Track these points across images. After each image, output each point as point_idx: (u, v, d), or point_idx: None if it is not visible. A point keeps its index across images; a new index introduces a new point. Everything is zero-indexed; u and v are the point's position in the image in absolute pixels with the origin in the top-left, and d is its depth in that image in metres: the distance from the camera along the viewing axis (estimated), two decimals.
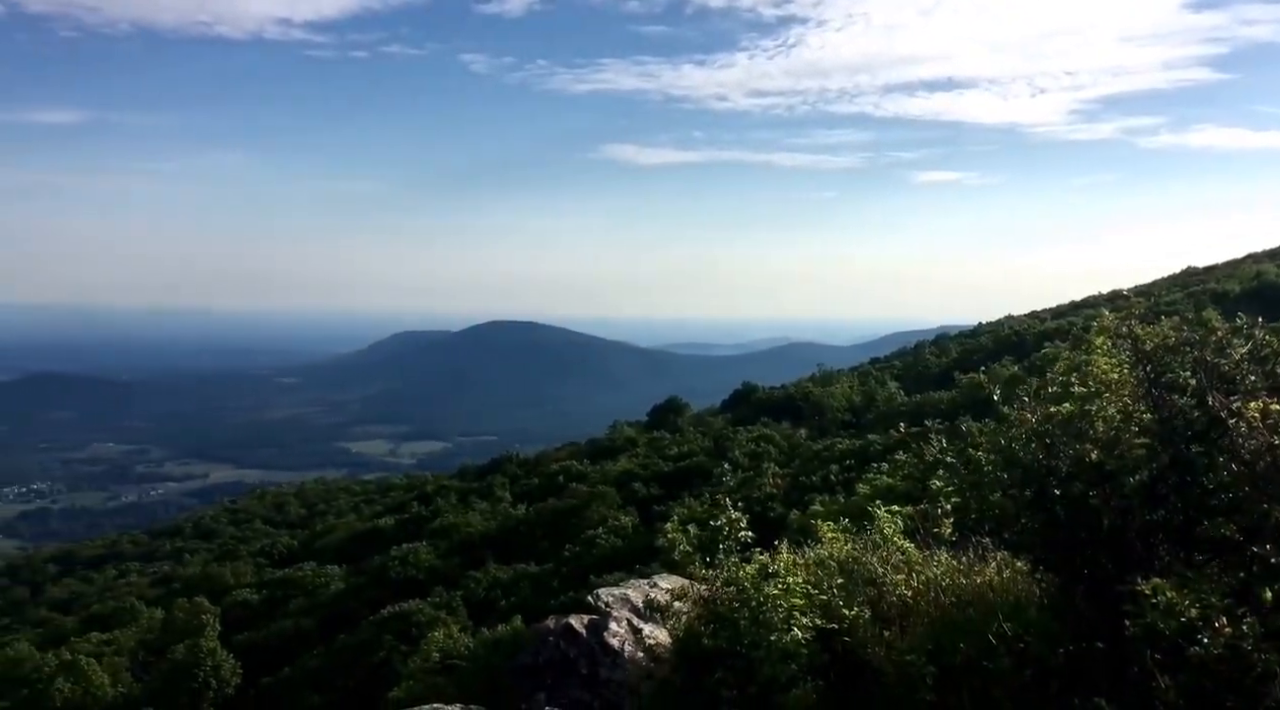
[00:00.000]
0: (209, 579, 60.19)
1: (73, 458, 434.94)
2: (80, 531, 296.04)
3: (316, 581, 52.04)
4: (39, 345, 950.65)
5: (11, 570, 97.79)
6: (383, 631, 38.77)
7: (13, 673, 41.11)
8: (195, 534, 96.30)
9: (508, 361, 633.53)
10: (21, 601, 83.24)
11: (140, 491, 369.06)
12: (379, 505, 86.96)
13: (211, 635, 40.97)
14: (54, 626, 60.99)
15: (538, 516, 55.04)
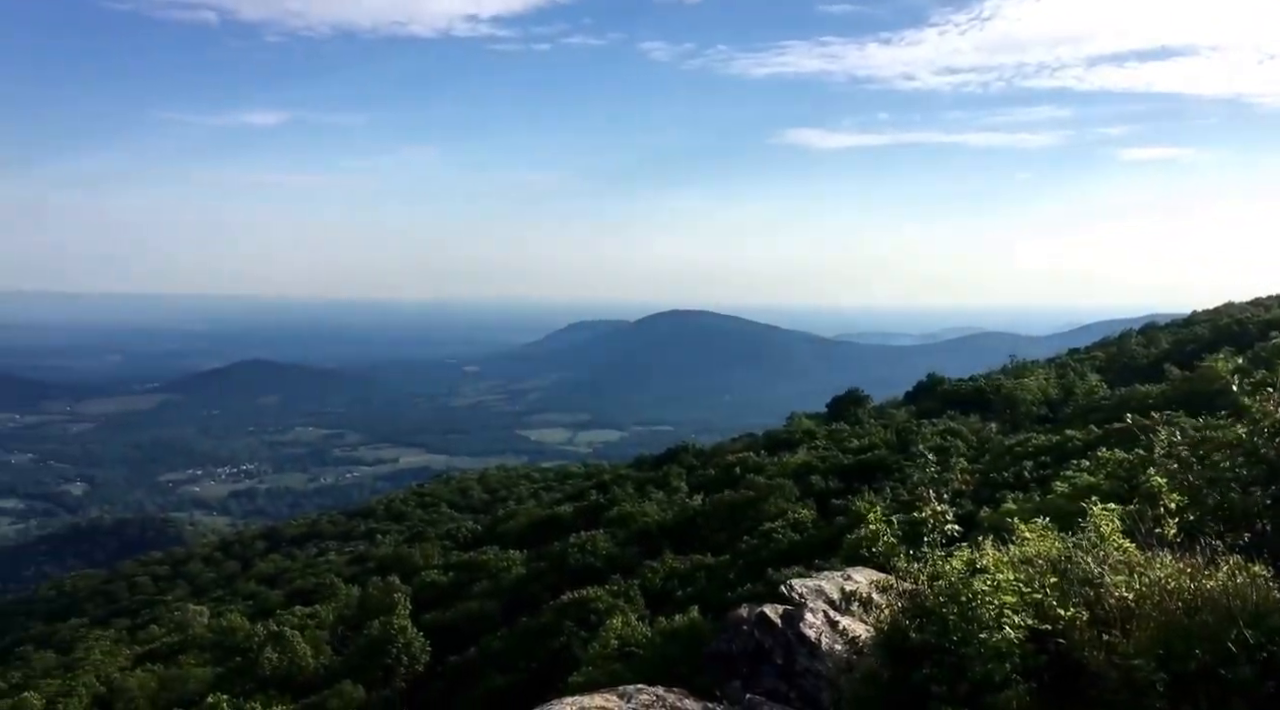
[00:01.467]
0: (399, 559, 62.90)
1: (277, 440, 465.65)
2: (284, 510, 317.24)
3: (499, 565, 53.46)
4: (248, 334, 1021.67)
5: (225, 545, 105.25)
6: (563, 617, 39.38)
7: (227, 640, 43.95)
8: (387, 516, 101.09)
9: (684, 351, 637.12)
10: (233, 575, 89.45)
11: (337, 474, 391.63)
12: (557, 493, 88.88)
13: (402, 613, 42.67)
14: (262, 599, 65.01)
15: (714, 508, 54.80)
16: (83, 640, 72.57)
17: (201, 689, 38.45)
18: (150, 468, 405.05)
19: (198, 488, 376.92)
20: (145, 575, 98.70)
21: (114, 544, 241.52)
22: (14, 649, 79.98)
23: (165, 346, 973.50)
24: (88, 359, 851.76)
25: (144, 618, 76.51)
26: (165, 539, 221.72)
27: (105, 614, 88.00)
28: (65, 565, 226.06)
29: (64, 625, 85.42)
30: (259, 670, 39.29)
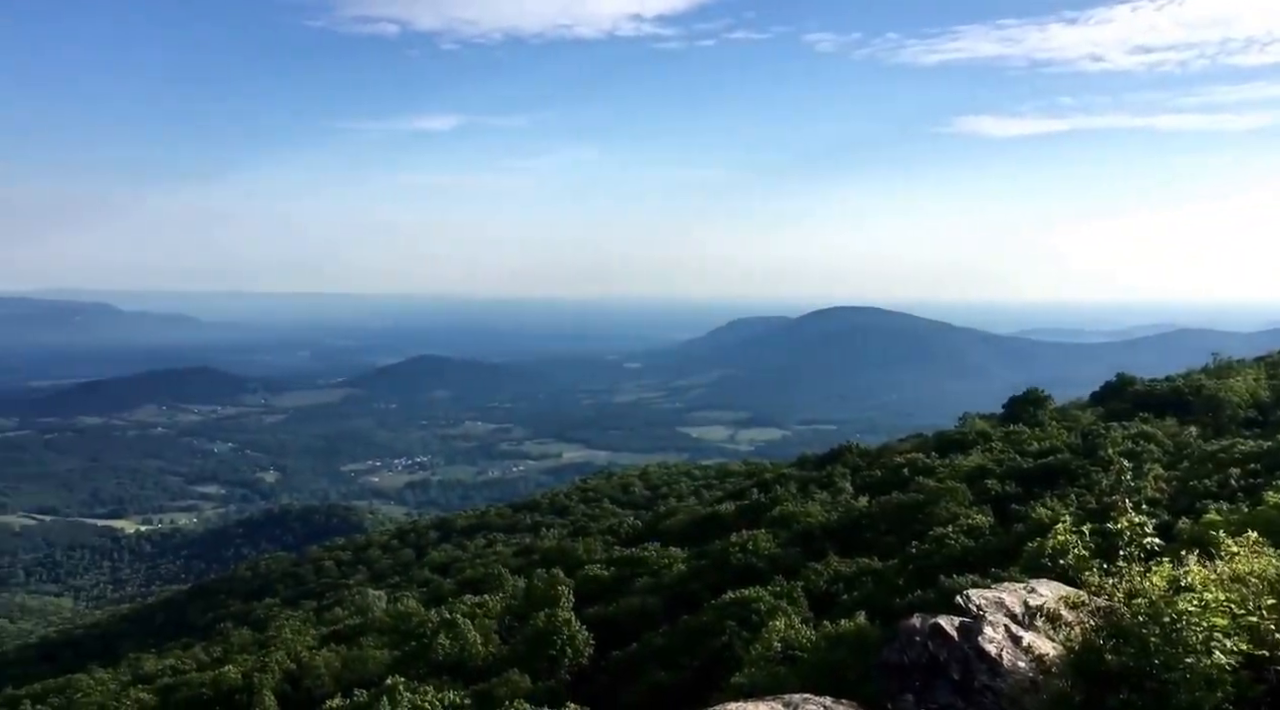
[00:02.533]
0: (563, 553, 64.06)
1: (449, 434, 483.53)
2: (454, 501, 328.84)
3: (660, 562, 53.66)
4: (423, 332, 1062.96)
5: (401, 534, 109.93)
6: (724, 616, 39.14)
7: (403, 625, 45.74)
8: (551, 510, 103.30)
9: (849, 349, 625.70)
10: (408, 563, 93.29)
11: (504, 468, 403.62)
12: (718, 490, 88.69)
13: (566, 606, 43.37)
14: (435, 587, 67.44)
15: (881, 510, 53.41)
16: (275, 619, 77.22)
17: (380, 670, 40.09)
18: (334, 458, 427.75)
19: (376, 478, 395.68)
20: (330, 560, 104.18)
21: (302, 529, 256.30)
22: (216, 625, 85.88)
23: (348, 343, 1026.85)
24: (280, 355, 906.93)
25: (329, 600, 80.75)
26: (347, 526, 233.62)
27: (294, 595, 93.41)
28: (259, 548, 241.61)
29: (259, 604, 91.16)
30: (433, 655, 40.69)
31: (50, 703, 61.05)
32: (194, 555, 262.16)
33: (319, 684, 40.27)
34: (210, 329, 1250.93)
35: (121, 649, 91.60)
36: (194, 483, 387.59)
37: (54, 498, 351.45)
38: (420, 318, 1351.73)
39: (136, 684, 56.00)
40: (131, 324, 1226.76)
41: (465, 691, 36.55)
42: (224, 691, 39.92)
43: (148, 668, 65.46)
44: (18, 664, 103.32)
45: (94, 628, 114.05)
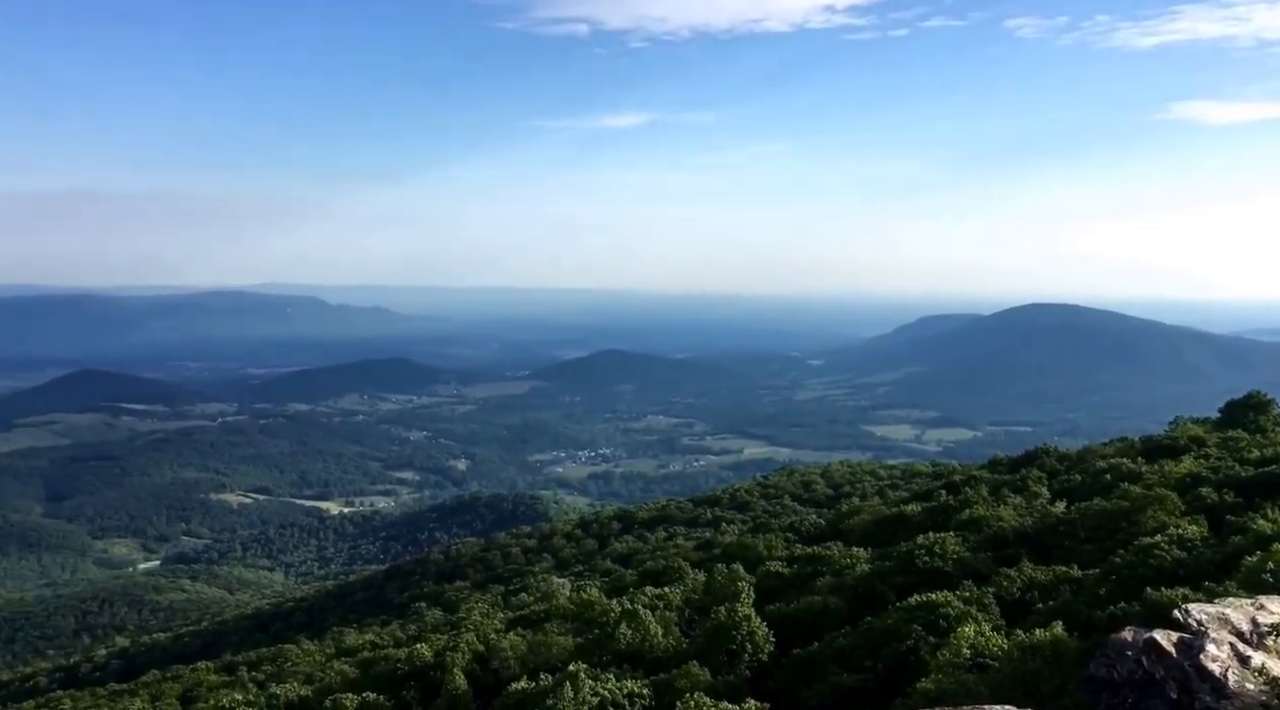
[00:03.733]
0: (744, 548, 63.74)
1: (631, 427, 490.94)
2: (636, 493, 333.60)
3: (843, 561, 52.60)
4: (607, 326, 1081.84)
5: (584, 524, 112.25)
6: (910, 619, 37.93)
7: (586, 613, 46.57)
8: (731, 505, 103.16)
9: (1047, 348, 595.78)
10: (591, 552, 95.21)
11: (685, 462, 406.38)
12: (904, 491, 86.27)
13: (747, 602, 43.06)
14: (616, 577, 68.43)
15: (1081, 516, 50.50)
16: (465, 601, 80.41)
17: (564, 656, 40.91)
18: (521, 448, 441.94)
19: (561, 468, 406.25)
20: (516, 546, 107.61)
21: (490, 516, 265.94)
22: (411, 604, 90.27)
23: (535, 337, 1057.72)
24: (472, 348, 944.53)
25: (515, 585, 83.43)
26: (533, 514, 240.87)
27: (483, 579, 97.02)
28: (451, 532, 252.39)
29: (450, 587, 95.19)
30: (614, 644, 41.22)
31: (263, 669, 65.66)
32: (391, 537, 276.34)
33: (506, 666, 41.51)
34: (407, 321, 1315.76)
35: (326, 622, 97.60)
36: (392, 468, 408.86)
37: (267, 478, 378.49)
38: (605, 313, 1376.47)
39: (339, 656, 59.46)
40: (336, 316, 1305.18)
41: (645, 681, 36.81)
42: (418, 668, 41.74)
43: (349, 641, 69.41)
44: (235, 632, 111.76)
45: (302, 602, 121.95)
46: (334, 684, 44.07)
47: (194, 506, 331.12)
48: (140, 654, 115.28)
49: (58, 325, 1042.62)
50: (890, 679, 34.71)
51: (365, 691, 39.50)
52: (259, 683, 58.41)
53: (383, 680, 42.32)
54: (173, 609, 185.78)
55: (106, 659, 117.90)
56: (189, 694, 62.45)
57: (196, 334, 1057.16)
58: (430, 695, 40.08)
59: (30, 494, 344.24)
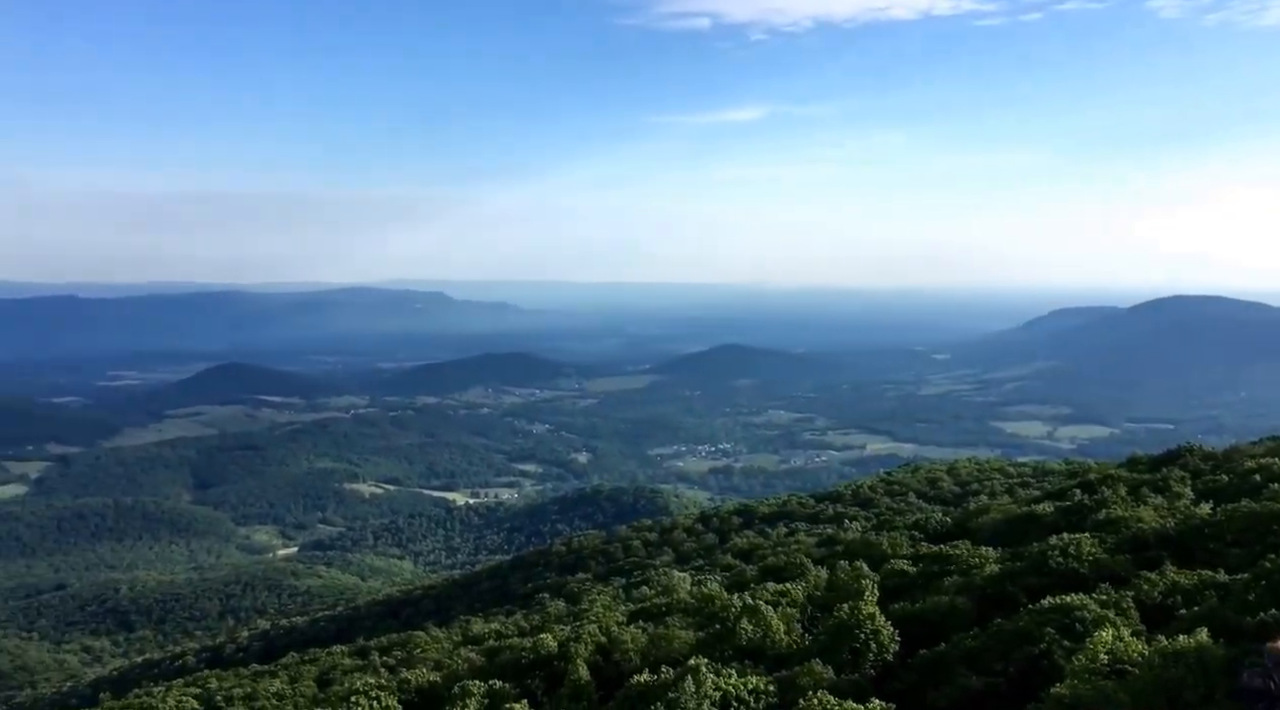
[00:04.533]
0: (867, 545, 62.65)
1: (751, 422, 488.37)
2: (756, 488, 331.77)
3: (971, 561, 51.18)
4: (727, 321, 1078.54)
5: (704, 518, 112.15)
6: (1043, 622, 36.65)
7: (707, 608, 46.54)
8: (854, 501, 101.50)
9: (1188, 342, 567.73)
10: (711, 547, 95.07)
11: (806, 457, 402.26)
12: (1035, 489, 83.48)
13: (871, 601, 42.29)
14: (737, 573, 68.16)
15: (1228, 519, 47.91)
16: (587, 593, 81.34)
17: (685, 650, 40.94)
18: (641, 442, 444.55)
19: (681, 463, 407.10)
20: (637, 540, 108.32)
21: (611, 508, 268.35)
22: (534, 595, 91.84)
23: (655, 331, 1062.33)
24: (593, 342, 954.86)
25: (636, 578, 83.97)
26: (653, 508, 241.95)
27: (605, 571, 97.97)
28: (572, 524, 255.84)
29: (572, 578, 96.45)
30: (735, 639, 41.07)
31: (394, 655, 67.76)
32: (514, 528, 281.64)
33: (627, 658, 41.79)
34: (530, 316, 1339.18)
35: (453, 611, 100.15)
36: (515, 460, 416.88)
37: (397, 469, 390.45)
38: (724, 308, 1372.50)
39: (466, 644, 60.90)
40: (462, 312, 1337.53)
41: (768, 677, 36.56)
42: (542, 657, 42.36)
43: (475, 630, 71.00)
44: (368, 618, 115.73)
45: (430, 590, 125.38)
46: (461, 671, 45.17)
47: (329, 495, 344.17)
48: (279, 636, 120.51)
49: (206, 321, 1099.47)
50: (1022, 683, 33.65)
51: (491, 679, 40.33)
52: (390, 667, 60.33)
53: (508, 669, 43.13)
54: (309, 594, 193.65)
55: (248, 640, 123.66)
56: (325, 676, 64.95)
57: (331, 329, 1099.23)
58: (554, 685, 40.63)
59: (179, 482, 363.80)
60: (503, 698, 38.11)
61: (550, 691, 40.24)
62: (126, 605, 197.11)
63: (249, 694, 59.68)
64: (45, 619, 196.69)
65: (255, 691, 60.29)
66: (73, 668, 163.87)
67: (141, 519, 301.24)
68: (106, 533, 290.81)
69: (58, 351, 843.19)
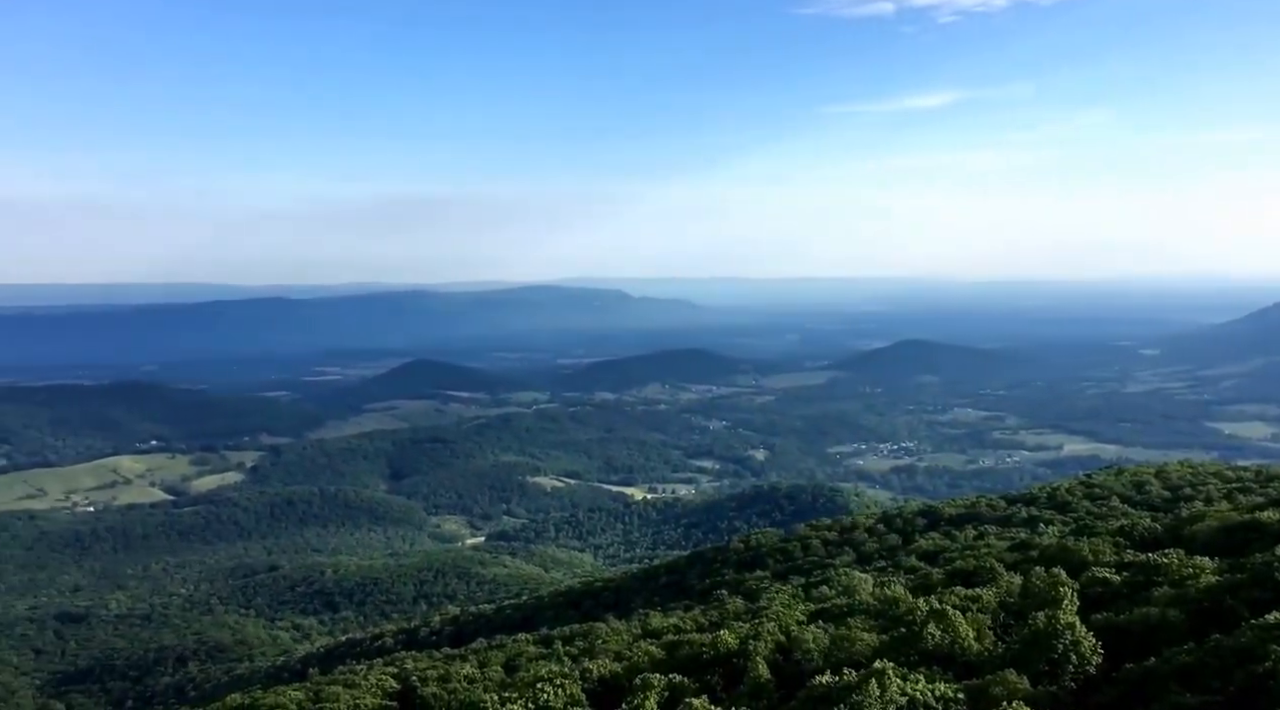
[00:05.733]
0: (1065, 551, 59.36)
1: (936, 420, 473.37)
2: (942, 489, 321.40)
3: (1184, 571, 47.62)
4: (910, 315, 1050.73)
5: (886, 518, 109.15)
6: (1268, 639, 33.62)
7: (890, 610, 45.17)
8: (1049, 504, 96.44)
9: None
10: (894, 548, 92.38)
11: (996, 457, 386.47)
12: (1259, 495, 77.05)
13: (1069, 610, 40.01)
14: (922, 575, 65.96)
15: None
16: (765, 590, 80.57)
17: (868, 652, 39.94)
18: (819, 439, 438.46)
19: (861, 461, 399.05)
20: (816, 539, 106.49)
21: (789, 506, 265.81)
22: (712, 591, 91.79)
23: (834, 327, 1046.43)
24: (770, 338, 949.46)
25: (815, 578, 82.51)
26: (833, 507, 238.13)
27: (783, 569, 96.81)
28: (750, 521, 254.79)
29: (750, 576, 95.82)
30: (922, 644, 39.66)
31: (576, 645, 69.06)
32: (692, 524, 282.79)
33: (808, 658, 41.02)
34: (707, 313, 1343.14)
35: (632, 604, 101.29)
36: (692, 456, 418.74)
37: (577, 463, 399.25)
38: (906, 302, 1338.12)
39: (645, 637, 61.35)
40: (639, 309, 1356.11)
41: (957, 685, 35.16)
42: (721, 654, 42.15)
43: (654, 624, 71.48)
44: (550, 608, 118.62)
45: (610, 582, 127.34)
46: (641, 663, 45.47)
47: (513, 488, 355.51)
48: (468, 622, 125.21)
49: (398, 319, 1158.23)
50: (1243, 703, 31.10)
51: (671, 673, 40.37)
52: (573, 656, 61.53)
53: (687, 663, 43.11)
54: (495, 582, 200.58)
55: (441, 625, 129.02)
56: (511, 662, 66.87)
57: (514, 326, 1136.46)
58: (733, 682, 40.34)
59: (376, 472, 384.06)
60: (683, 692, 38.07)
61: (729, 688, 39.95)
62: (331, 587, 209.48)
63: (442, 675, 62.07)
64: (260, 597, 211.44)
65: (448, 674, 62.67)
66: (285, 643, 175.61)
67: (343, 507, 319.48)
68: (312, 518, 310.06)
69: (269, 348, 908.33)
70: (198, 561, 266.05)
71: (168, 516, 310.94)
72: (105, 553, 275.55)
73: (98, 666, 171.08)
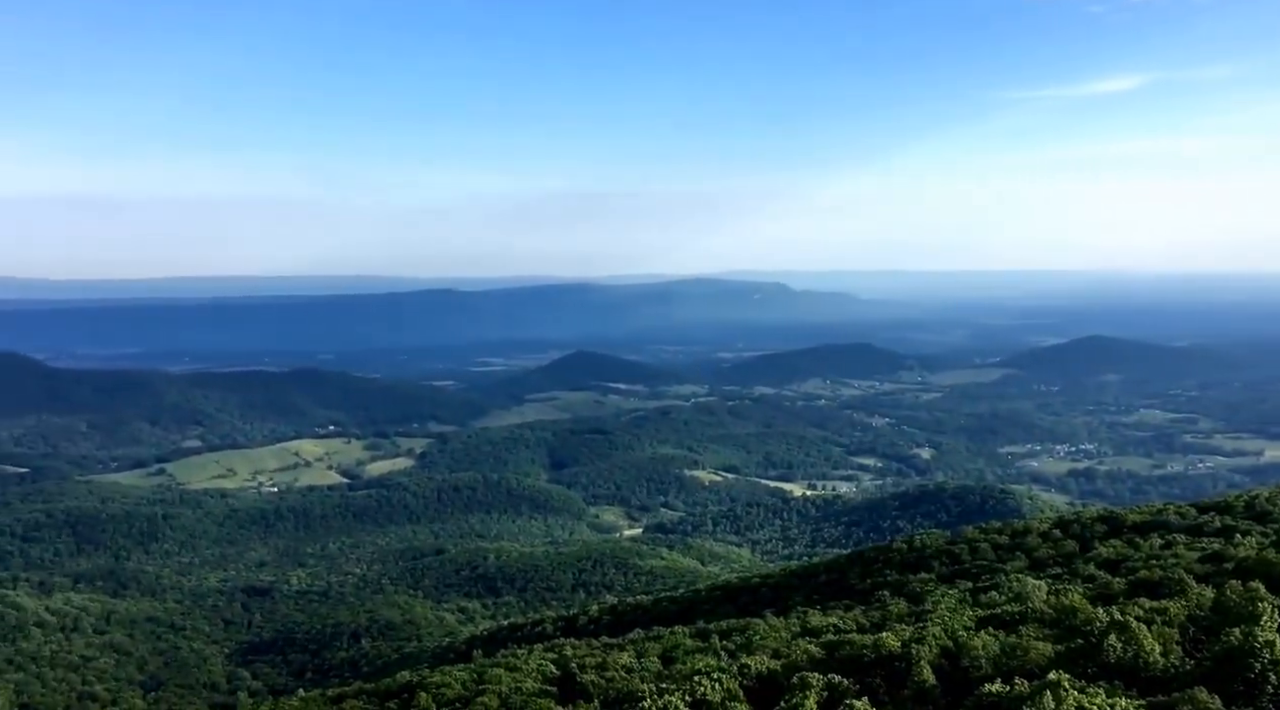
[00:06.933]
0: (1264, 564, 54.96)
1: (1118, 422, 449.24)
2: (1124, 494, 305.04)
3: None
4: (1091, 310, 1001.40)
5: (1062, 523, 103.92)
6: None
7: (1067, 620, 42.85)
8: (1246, 514, 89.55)
9: None
10: (1070, 554, 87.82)
11: (1186, 462, 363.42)
12: None
13: (1270, 626, 36.93)
14: (1101, 584, 62.48)
15: None
16: (930, 593, 78.00)
17: (1041, 662, 38.08)
18: (990, 439, 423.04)
19: (1035, 462, 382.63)
20: (985, 542, 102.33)
21: (956, 508, 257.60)
22: (873, 592, 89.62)
23: (1007, 322, 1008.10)
24: (936, 333, 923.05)
25: (984, 583, 79.33)
26: (1003, 509, 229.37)
27: (949, 572, 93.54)
28: (914, 522, 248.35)
29: (914, 577, 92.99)
30: (1102, 657, 37.41)
31: (733, 640, 68.55)
32: (853, 522, 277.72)
33: (976, 666, 39.31)
34: (869, 306, 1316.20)
35: (790, 601, 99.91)
36: (853, 453, 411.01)
37: (735, 457, 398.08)
38: (1087, 296, 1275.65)
39: (804, 635, 60.32)
40: (800, 302, 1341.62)
41: (1140, 701, 33.01)
42: (883, 656, 40.93)
43: (813, 622, 70.25)
44: (707, 602, 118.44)
45: (768, 578, 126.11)
46: (800, 661, 44.60)
47: (670, 480, 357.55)
48: (626, 612, 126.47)
49: (560, 312, 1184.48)
50: None
51: (831, 673, 39.43)
52: (730, 651, 61.04)
53: (848, 664, 42.03)
54: (652, 574, 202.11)
55: (599, 614, 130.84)
56: (668, 654, 66.94)
57: (673, 319, 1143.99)
58: (895, 685, 39.08)
59: (538, 461, 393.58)
60: (843, 693, 37.09)
61: (892, 691, 38.70)
62: (494, 572, 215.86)
63: (600, 664, 62.71)
64: (428, 579, 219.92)
65: (605, 662, 63.26)
66: (450, 625, 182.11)
67: (506, 494, 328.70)
68: (476, 505, 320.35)
69: (438, 338, 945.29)
70: (370, 542, 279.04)
71: (343, 499, 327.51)
72: (287, 531, 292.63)
73: (280, 639, 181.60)
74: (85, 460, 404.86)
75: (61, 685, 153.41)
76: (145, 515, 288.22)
